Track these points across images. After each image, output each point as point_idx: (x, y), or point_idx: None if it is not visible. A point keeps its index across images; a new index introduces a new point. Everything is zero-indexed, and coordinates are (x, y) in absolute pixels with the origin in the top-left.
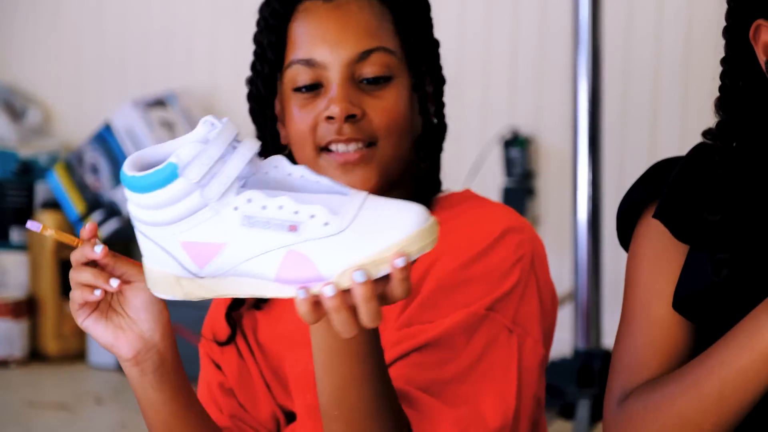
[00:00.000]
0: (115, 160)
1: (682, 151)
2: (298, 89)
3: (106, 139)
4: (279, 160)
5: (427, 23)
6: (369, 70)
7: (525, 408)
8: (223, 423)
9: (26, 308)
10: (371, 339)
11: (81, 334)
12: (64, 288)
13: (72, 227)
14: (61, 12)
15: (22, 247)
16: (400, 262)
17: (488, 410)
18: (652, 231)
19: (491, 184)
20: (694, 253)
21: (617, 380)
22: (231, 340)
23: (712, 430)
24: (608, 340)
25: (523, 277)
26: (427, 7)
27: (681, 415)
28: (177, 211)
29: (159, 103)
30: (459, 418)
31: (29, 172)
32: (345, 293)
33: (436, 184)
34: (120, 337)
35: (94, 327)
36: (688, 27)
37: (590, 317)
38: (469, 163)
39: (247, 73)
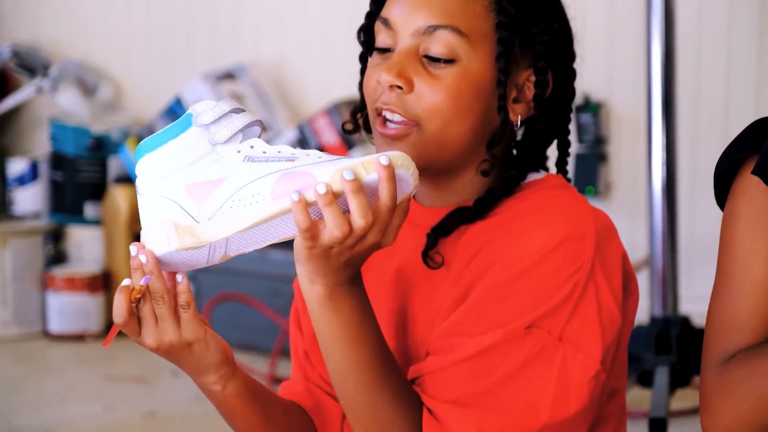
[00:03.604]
0: None
1: (758, 112)
2: (376, 48)
3: (176, 113)
4: (283, 147)
5: (545, 17)
6: (434, 47)
7: (564, 421)
8: (307, 387)
9: (102, 282)
10: (363, 326)
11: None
12: None
13: None
14: None
15: (96, 222)
16: (384, 160)
17: (511, 422)
18: (751, 189)
19: None
20: None
21: (717, 341)
22: None
23: None
24: (685, 307)
25: (576, 291)
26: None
27: None
28: (187, 158)
29: (228, 76)
30: (479, 423)
31: (102, 147)
32: (335, 194)
33: (517, 175)
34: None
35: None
36: None
37: (666, 284)
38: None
39: (314, 43)
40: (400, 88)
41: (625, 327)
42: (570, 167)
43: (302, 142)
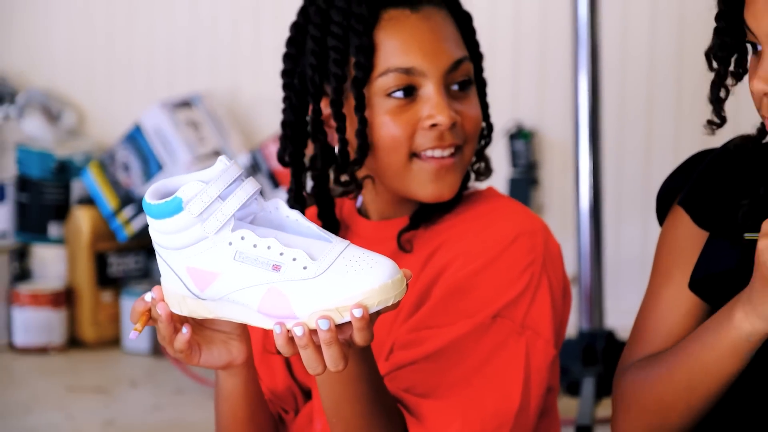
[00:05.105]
0: (145, 158)
1: (677, 141)
2: (392, 95)
3: (136, 139)
4: (280, 203)
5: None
6: (458, 77)
7: (533, 405)
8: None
9: (64, 298)
10: (363, 364)
11: (116, 322)
12: (100, 279)
13: (106, 221)
14: (93, 20)
15: (60, 241)
16: (357, 313)
17: (490, 409)
18: (677, 217)
19: (498, 175)
20: (713, 239)
21: (626, 351)
22: None
23: (685, 412)
24: (610, 321)
25: (533, 281)
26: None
27: (658, 397)
28: (183, 240)
29: (185, 104)
30: (459, 413)
31: (65, 171)
32: (313, 333)
33: (466, 181)
34: (231, 349)
35: (209, 358)
36: (681, 24)
37: (593, 300)
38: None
39: (266, 74)
40: (453, 125)
41: (561, 324)
42: (504, 191)
43: (254, 167)
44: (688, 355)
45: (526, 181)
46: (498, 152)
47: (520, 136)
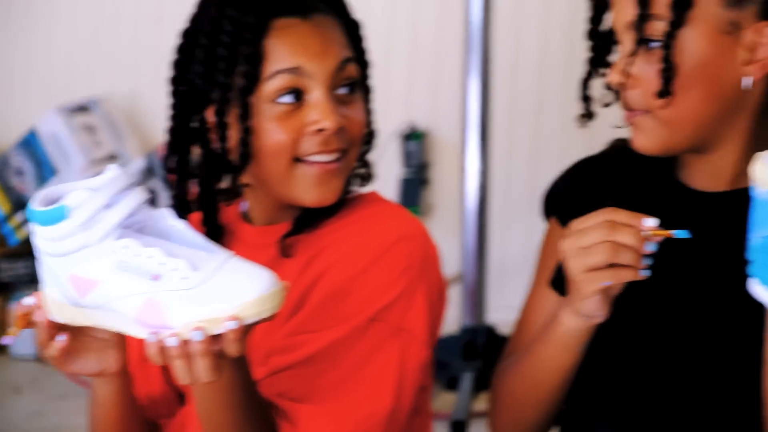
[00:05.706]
0: (40, 163)
1: (565, 145)
2: (278, 100)
3: (31, 144)
4: (167, 213)
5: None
6: (346, 78)
7: (404, 405)
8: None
9: None
10: (238, 372)
11: (3, 327)
12: None
13: None
14: None
15: None
16: (231, 325)
17: (362, 413)
18: (552, 220)
19: (390, 175)
20: None
21: (504, 350)
22: None
23: (536, 406)
24: (494, 317)
25: (410, 285)
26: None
27: (511, 391)
28: (66, 247)
29: (82, 108)
30: (332, 417)
31: None
32: (186, 344)
33: (347, 185)
34: (107, 357)
35: (83, 366)
36: (571, 30)
37: (476, 297)
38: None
39: (166, 78)
40: (339, 129)
41: (436, 326)
42: (396, 190)
43: (150, 170)
44: (532, 352)
45: (417, 181)
46: (391, 153)
47: (413, 137)
